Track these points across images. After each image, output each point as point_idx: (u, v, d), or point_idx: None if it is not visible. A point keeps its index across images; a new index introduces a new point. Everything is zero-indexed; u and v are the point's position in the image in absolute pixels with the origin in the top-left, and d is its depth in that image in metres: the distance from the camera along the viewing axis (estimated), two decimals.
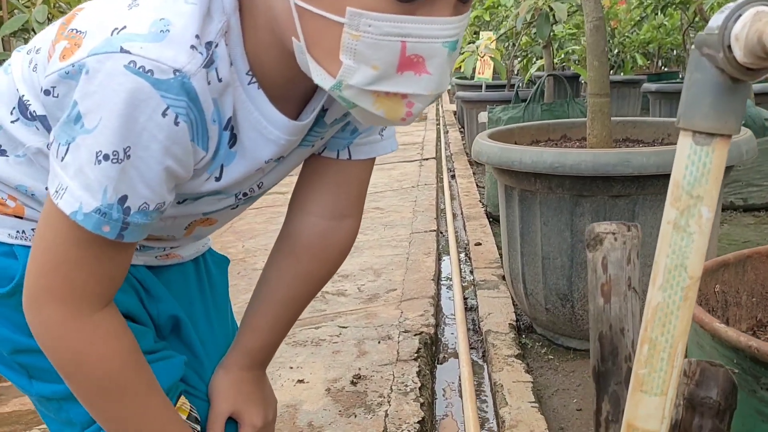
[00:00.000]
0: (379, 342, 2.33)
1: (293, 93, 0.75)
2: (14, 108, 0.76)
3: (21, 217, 0.79)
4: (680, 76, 7.63)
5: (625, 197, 2.02)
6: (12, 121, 0.76)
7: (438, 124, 8.46)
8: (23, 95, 0.75)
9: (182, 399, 0.87)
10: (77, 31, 0.67)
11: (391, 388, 2.00)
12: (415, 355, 2.22)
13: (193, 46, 0.64)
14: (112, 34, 0.63)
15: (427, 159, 5.90)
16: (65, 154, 0.64)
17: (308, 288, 0.93)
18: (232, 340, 0.98)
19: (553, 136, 2.68)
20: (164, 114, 0.63)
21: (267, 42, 0.68)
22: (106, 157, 0.63)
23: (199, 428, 0.87)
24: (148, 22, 0.63)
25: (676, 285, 0.66)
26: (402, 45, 0.60)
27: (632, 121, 2.65)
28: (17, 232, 0.79)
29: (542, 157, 2.04)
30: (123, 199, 0.65)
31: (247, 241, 3.57)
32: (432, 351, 2.34)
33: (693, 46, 0.61)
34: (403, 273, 2.99)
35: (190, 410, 0.87)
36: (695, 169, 0.64)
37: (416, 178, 5.14)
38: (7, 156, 0.77)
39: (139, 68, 0.61)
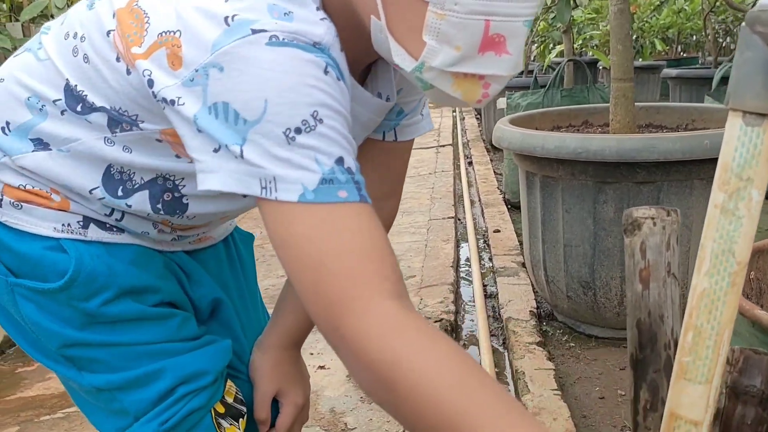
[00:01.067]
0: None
1: (355, 72, 0.74)
2: (60, 99, 0.72)
3: (66, 211, 0.77)
4: (699, 61, 7.52)
5: (649, 184, 1.99)
6: (61, 113, 0.72)
7: (454, 111, 8.41)
8: (75, 85, 0.71)
9: (229, 382, 0.88)
10: (168, 33, 0.63)
11: None
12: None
13: (323, 18, 0.63)
14: (227, 23, 0.60)
15: (443, 145, 5.88)
16: (241, 154, 0.59)
17: None
18: (262, 318, 1.00)
19: (574, 122, 2.65)
20: (326, 72, 0.61)
21: (343, 19, 0.66)
22: (298, 131, 0.59)
23: (245, 410, 0.88)
24: (263, 5, 0.61)
25: (723, 270, 0.64)
26: (486, 24, 0.59)
27: (655, 106, 2.62)
28: (63, 225, 0.76)
29: (565, 143, 2.01)
30: (340, 160, 0.61)
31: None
32: (452, 338, 2.33)
33: (743, 24, 0.59)
34: (422, 260, 2.98)
35: (236, 393, 0.88)
36: (745, 150, 0.63)
37: (433, 164, 5.12)
38: (50, 149, 0.74)
39: (282, 40, 0.59)
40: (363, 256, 0.59)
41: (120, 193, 0.74)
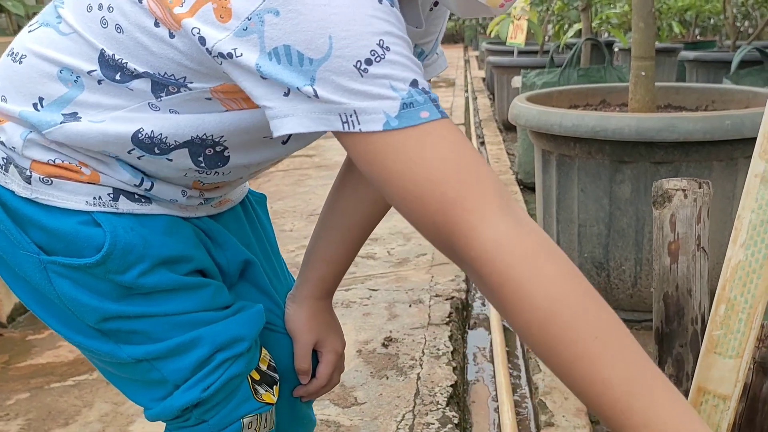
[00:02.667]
0: (410, 306, 2.31)
1: None
2: (95, 70, 0.70)
3: (97, 184, 0.76)
4: (717, 45, 7.42)
5: (667, 164, 1.96)
6: (98, 83, 0.70)
7: (466, 91, 8.35)
8: (113, 54, 0.69)
9: (263, 351, 0.88)
10: None
11: (423, 352, 1.98)
12: (447, 319, 2.20)
13: None
14: None
15: (455, 125, 5.83)
16: (316, 92, 0.59)
17: (380, 211, 0.94)
18: (288, 275, 1.01)
19: (591, 101, 2.62)
20: (380, 1, 0.61)
21: None
22: (368, 62, 0.59)
23: (278, 377, 0.89)
24: None
25: (761, 242, 0.63)
26: None
27: (675, 86, 2.58)
28: (94, 198, 0.75)
29: (584, 121, 1.99)
30: (414, 83, 0.60)
31: (275, 203, 3.56)
32: (463, 316, 2.32)
33: None
34: None
35: (270, 360, 0.89)
36: None
37: None
38: (80, 120, 0.72)
39: None
40: (459, 175, 0.59)
41: (156, 151, 0.73)
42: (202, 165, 0.76)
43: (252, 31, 0.59)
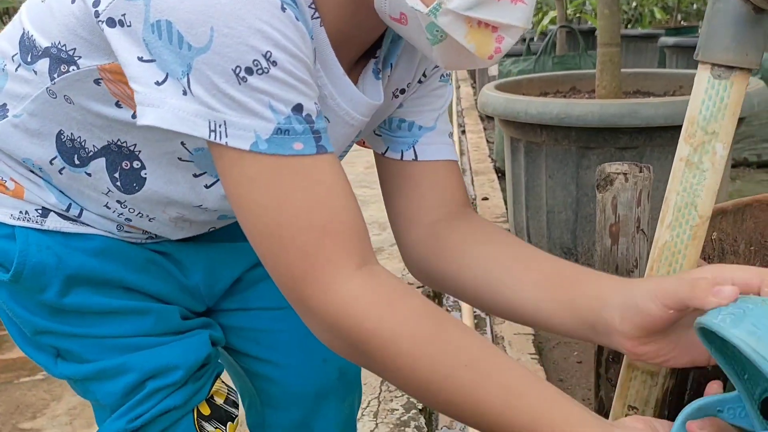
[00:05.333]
0: None
1: (353, 45, 0.68)
2: (16, 53, 0.68)
3: (20, 199, 0.73)
4: (699, 30, 7.44)
5: (632, 149, 1.98)
6: (15, 69, 0.68)
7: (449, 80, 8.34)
8: (27, 31, 0.66)
9: (219, 383, 0.84)
10: None
11: None
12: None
13: None
14: None
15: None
16: (189, 86, 0.54)
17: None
18: None
19: (561, 88, 2.63)
20: (283, 8, 0.55)
21: None
22: (249, 71, 0.53)
23: (236, 413, 0.84)
24: None
25: (686, 224, 0.64)
26: None
27: (643, 72, 2.59)
28: (20, 212, 0.73)
29: (548, 108, 2.00)
30: (297, 107, 0.56)
31: None
32: (434, 303, 2.34)
33: None
34: None
35: (228, 393, 0.84)
36: (712, 104, 0.62)
37: None
38: (7, 117, 0.70)
39: None
40: (322, 224, 0.57)
41: (77, 161, 0.70)
42: (118, 185, 0.71)
43: None
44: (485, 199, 3.26)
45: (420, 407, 1.66)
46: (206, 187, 0.71)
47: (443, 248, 0.76)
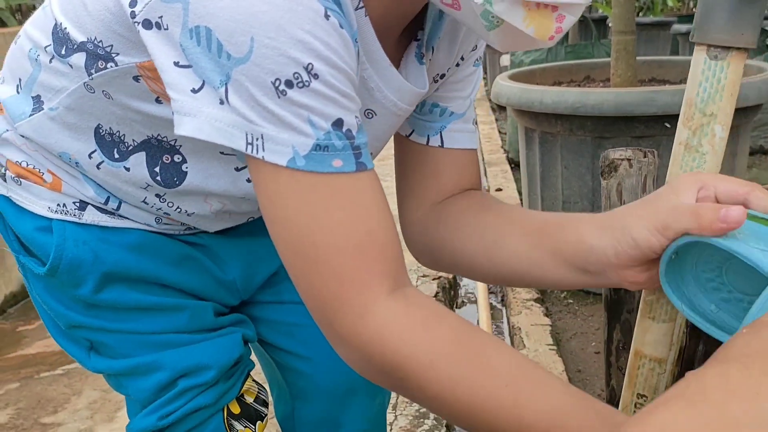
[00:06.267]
0: None
1: (394, 28, 0.65)
2: (49, 45, 0.66)
3: (58, 192, 0.73)
4: None
5: (648, 138, 1.96)
6: (49, 61, 0.66)
7: None
8: (61, 23, 0.64)
9: (250, 382, 0.84)
10: None
11: None
12: (434, 298, 2.21)
13: None
14: None
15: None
16: (227, 96, 0.52)
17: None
18: None
19: (575, 77, 2.61)
20: (327, 15, 0.52)
21: None
22: (289, 84, 0.51)
23: (266, 411, 0.84)
24: None
25: None
26: None
27: (658, 60, 2.57)
28: (57, 205, 0.72)
29: (563, 97, 1.98)
30: (338, 122, 0.53)
31: None
32: (450, 295, 2.33)
33: None
34: None
35: (258, 392, 0.84)
36: (709, 85, 0.61)
37: None
38: (43, 109, 0.69)
39: None
40: (357, 247, 0.54)
41: (116, 155, 0.69)
42: (158, 179, 0.70)
43: None
44: (499, 190, 3.25)
45: None
46: (248, 181, 0.69)
47: (442, 220, 0.75)
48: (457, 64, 0.75)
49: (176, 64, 0.53)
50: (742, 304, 0.58)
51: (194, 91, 0.53)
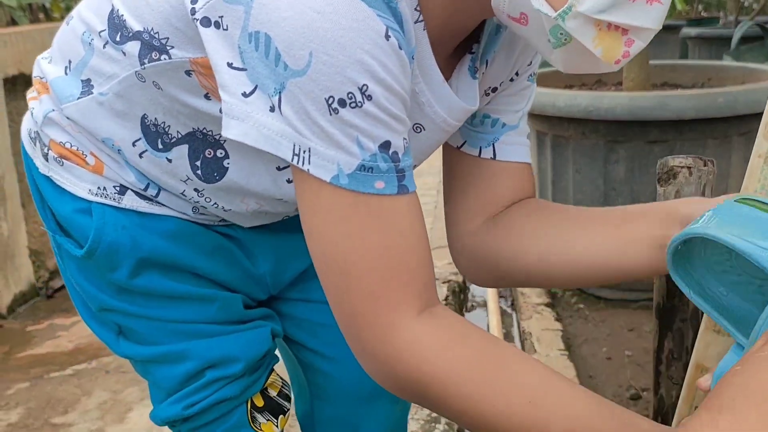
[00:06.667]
0: None
1: (450, 41, 0.65)
2: (104, 30, 0.66)
3: (99, 175, 0.73)
4: (720, 22, 7.34)
5: (661, 143, 1.95)
6: (103, 46, 0.66)
7: None
8: (117, 9, 0.65)
9: (275, 375, 0.84)
10: None
11: None
12: (444, 302, 2.20)
13: None
14: None
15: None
16: (279, 105, 0.52)
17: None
18: None
19: (587, 81, 2.59)
20: (387, 36, 0.52)
21: None
22: (342, 103, 0.51)
23: (288, 406, 0.85)
24: None
25: None
26: None
27: (671, 64, 2.56)
28: (98, 188, 0.72)
29: (576, 101, 1.98)
30: (385, 144, 0.54)
31: None
32: (460, 299, 2.33)
33: None
34: (431, 221, 2.96)
35: (282, 386, 0.85)
36: None
37: None
38: (92, 93, 0.69)
39: None
40: (391, 267, 0.56)
41: (160, 145, 0.69)
42: (199, 173, 0.70)
43: (240, 1, 0.53)
44: None
45: None
46: (288, 181, 0.69)
47: (501, 230, 0.75)
48: (512, 79, 0.75)
49: (230, 65, 0.54)
50: (752, 287, 0.58)
51: (245, 95, 0.54)
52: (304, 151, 0.53)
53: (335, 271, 0.56)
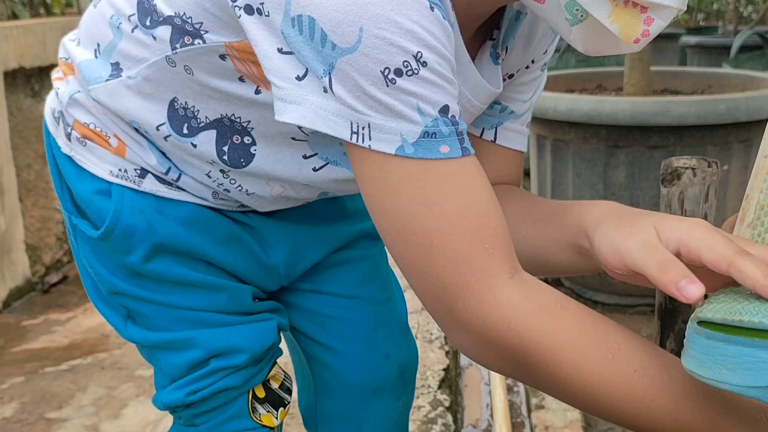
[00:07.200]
0: (404, 290, 2.31)
1: (473, 24, 0.64)
2: (133, 14, 0.66)
3: (121, 157, 0.73)
4: (719, 31, 7.37)
5: (662, 148, 1.96)
6: (132, 30, 0.66)
7: None
8: None
9: (277, 368, 0.84)
10: None
11: (416, 336, 1.99)
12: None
13: None
14: None
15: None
16: (330, 85, 0.52)
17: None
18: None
19: (588, 86, 2.60)
20: (431, 8, 0.52)
21: None
22: (398, 73, 0.51)
23: (289, 399, 0.85)
24: None
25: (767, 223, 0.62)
26: None
27: (672, 71, 2.57)
28: (119, 170, 0.73)
29: (578, 105, 1.98)
30: (444, 109, 0.53)
31: None
32: None
33: None
34: None
35: (284, 379, 0.85)
36: None
37: None
38: (121, 77, 0.69)
39: None
40: (472, 231, 0.54)
41: (185, 130, 0.69)
42: (225, 158, 0.70)
43: None
44: None
45: (447, 405, 1.65)
46: (314, 170, 0.69)
47: None
48: (527, 66, 0.75)
49: (280, 50, 0.53)
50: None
51: (299, 78, 0.53)
52: (363, 128, 0.53)
53: (415, 245, 0.54)
